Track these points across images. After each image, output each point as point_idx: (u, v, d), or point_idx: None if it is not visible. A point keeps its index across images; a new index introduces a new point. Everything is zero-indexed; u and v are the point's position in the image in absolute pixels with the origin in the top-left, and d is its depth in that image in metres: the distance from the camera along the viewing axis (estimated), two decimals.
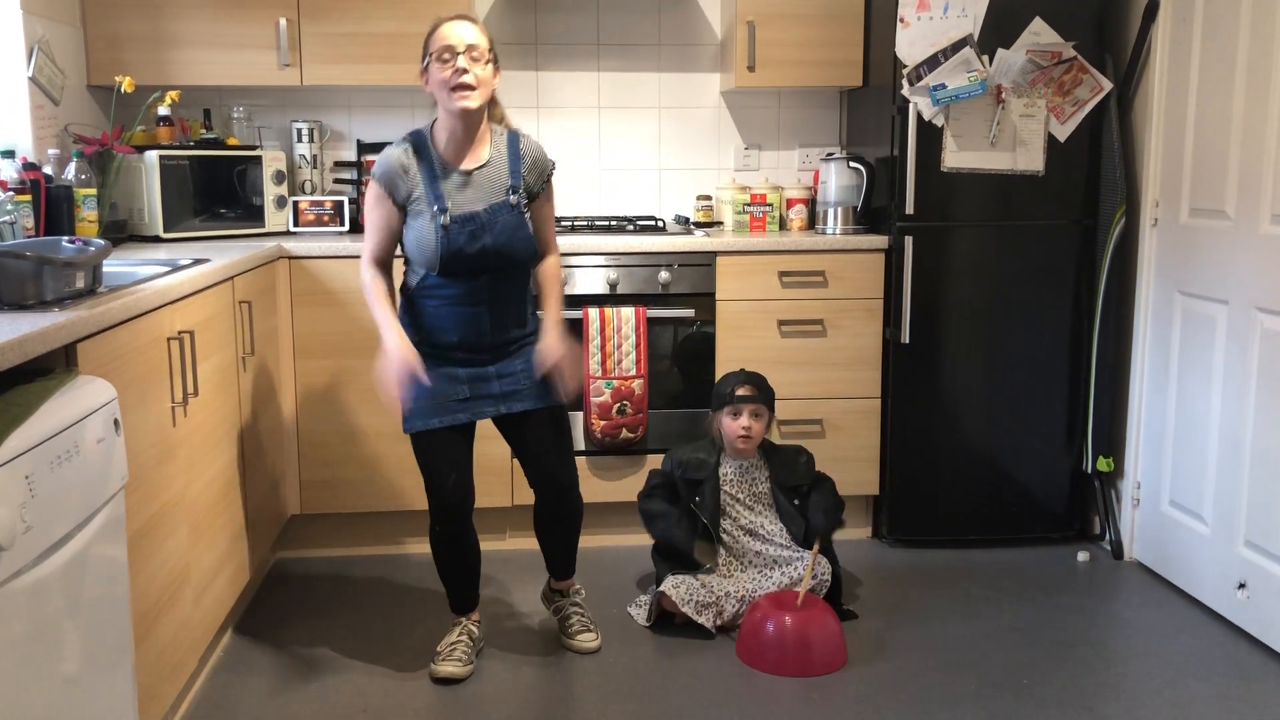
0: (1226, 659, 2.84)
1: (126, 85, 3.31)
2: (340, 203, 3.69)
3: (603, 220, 3.79)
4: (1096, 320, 3.51)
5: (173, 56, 3.53)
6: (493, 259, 2.57)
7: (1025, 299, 3.53)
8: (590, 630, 2.88)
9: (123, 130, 3.41)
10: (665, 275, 3.50)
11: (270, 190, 3.64)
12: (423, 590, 3.27)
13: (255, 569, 3.07)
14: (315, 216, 3.68)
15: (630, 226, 3.71)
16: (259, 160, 3.63)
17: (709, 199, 3.97)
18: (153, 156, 3.38)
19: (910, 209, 3.46)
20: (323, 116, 3.92)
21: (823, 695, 2.65)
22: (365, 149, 3.85)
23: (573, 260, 3.47)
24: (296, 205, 3.67)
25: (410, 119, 3.93)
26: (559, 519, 2.82)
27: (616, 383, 3.45)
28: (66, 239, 2.29)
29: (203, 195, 3.52)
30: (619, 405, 3.46)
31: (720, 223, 3.96)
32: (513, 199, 2.58)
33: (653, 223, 3.78)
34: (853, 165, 3.69)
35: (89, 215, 3.12)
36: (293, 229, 3.68)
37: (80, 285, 2.08)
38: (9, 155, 2.88)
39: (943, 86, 3.39)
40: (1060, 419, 3.58)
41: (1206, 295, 3.12)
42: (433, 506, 2.70)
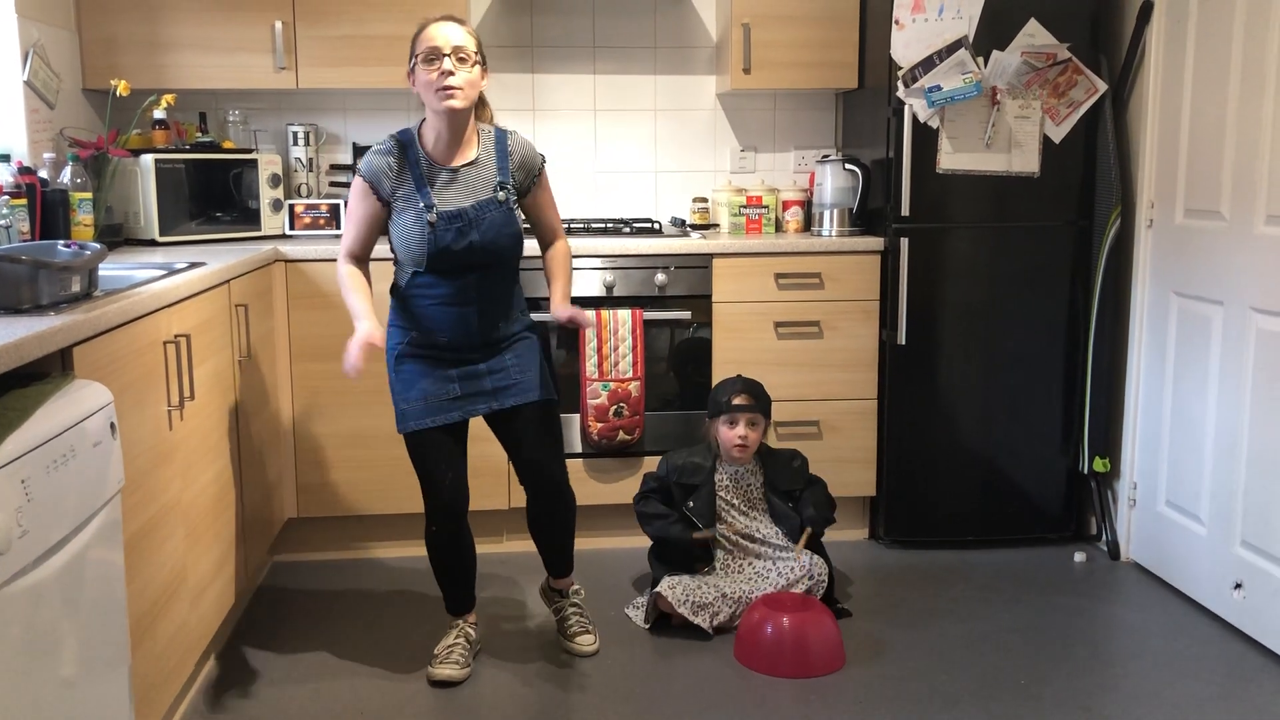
0: (1223, 659, 2.85)
1: (122, 89, 3.30)
2: (336, 206, 3.68)
3: (599, 223, 3.79)
4: (1092, 321, 3.51)
5: (168, 60, 3.53)
6: (479, 256, 2.57)
7: (1021, 300, 3.53)
8: (589, 631, 2.88)
9: (118, 134, 3.40)
10: (662, 277, 3.50)
11: (266, 193, 3.64)
12: (419, 593, 3.27)
13: (252, 572, 3.07)
14: (311, 220, 3.68)
15: (626, 229, 3.71)
16: (255, 163, 3.63)
17: (705, 201, 3.97)
18: (148, 160, 3.38)
19: (906, 210, 3.46)
20: (318, 120, 3.92)
21: (820, 696, 2.65)
22: (361, 152, 3.85)
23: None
24: (292, 208, 3.67)
25: (406, 121, 3.91)
26: (550, 516, 2.81)
27: (613, 385, 3.45)
28: (62, 243, 2.29)
29: (198, 199, 3.52)
30: (616, 407, 3.46)
31: (716, 225, 3.96)
32: (500, 196, 2.59)
33: (649, 225, 3.78)
34: (848, 167, 3.70)
35: (84, 219, 3.11)
36: (288, 232, 3.68)
37: (76, 289, 2.08)
38: (4, 159, 2.87)
39: (938, 88, 3.40)
40: (1056, 420, 3.59)
41: (1202, 296, 3.12)
42: (429, 506, 2.70)
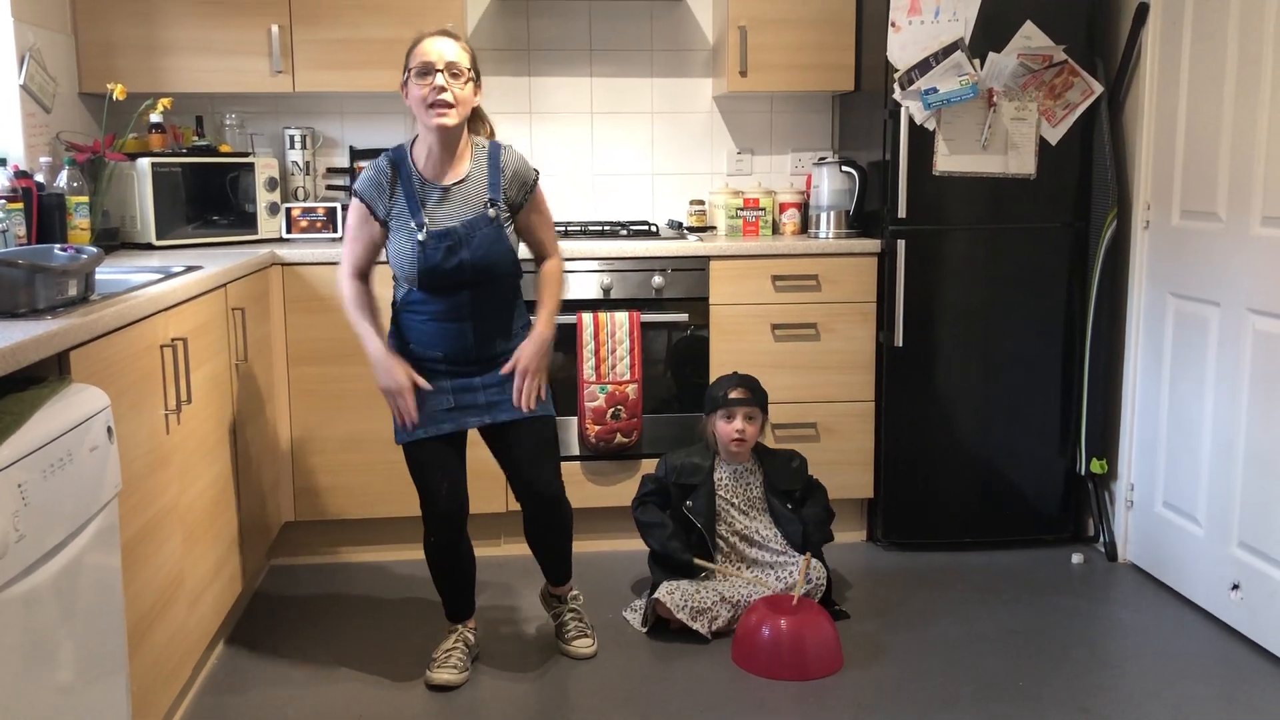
0: (1220, 660, 2.85)
1: (118, 93, 3.30)
2: (333, 209, 3.68)
3: (596, 225, 3.79)
4: (1089, 322, 3.51)
5: (165, 64, 3.53)
6: (470, 273, 2.56)
7: (1018, 302, 3.53)
8: (587, 636, 2.88)
9: (115, 138, 3.40)
10: (659, 280, 3.50)
11: (263, 197, 3.64)
12: (417, 597, 3.26)
13: (249, 576, 3.06)
14: (308, 223, 3.68)
15: (623, 231, 3.71)
16: (251, 167, 3.63)
17: (702, 203, 3.97)
18: (145, 164, 3.38)
19: (902, 213, 3.47)
20: (315, 123, 3.92)
21: (818, 699, 2.65)
22: (358, 155, 3.85)
23: (567, 265, 3.45)
24: (289, 212, 3.67)
25: (403, 125, 3.93)
26: (546, 529, 2.81)
27: (611, 388, 3.45)
28: (59, 247, 2.30)
29: (195, 202, 3.52)
30: (613, 410, 3.46)
31: (713, 227, 3.96)
32: (491, 212, 2.57)
33: (646, 227, 3.78)
34: (845, 169, 3.70)
35: (81, 223, 3.11)
36: (285, 236, 3.67)
37: (73, 293, 2.07)
38: (1, 163, 2.87)
39: (934, 90, 3.40)
40: (1053, 421, 3.59)
41: (1198, 297, 3.13)
42: (427, 515, 2.69)
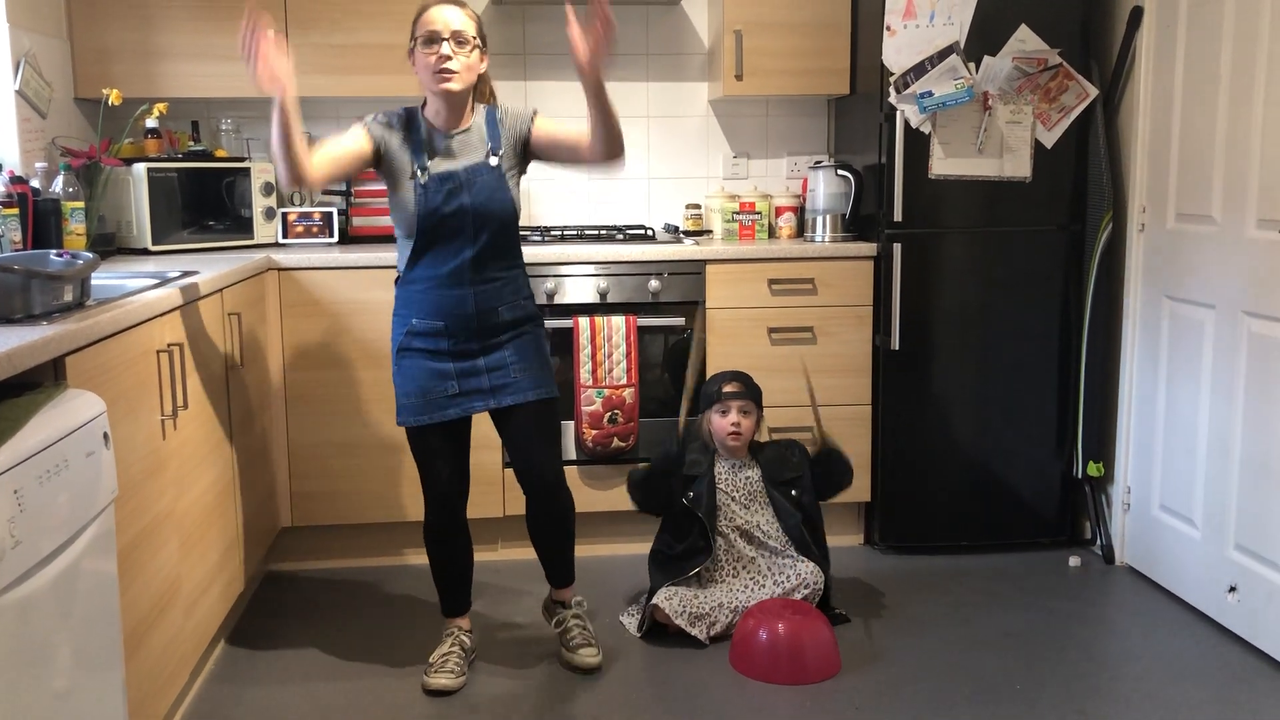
0: (1218, 662, 2.85)
1: (114, 98, 3.30)
2: (329, 214, 3.68)
3: (592, 229, 3.79)
4: (1085, 325, 3.52)
5: (160, 69, 3.53)
6: (470, 220, 2.58)
7: (1014, 305, 3.54)
8: (591, 644, 2.82)
9: (110, 143, 3.40)
10: (655, 284, 3.50)
11: (259, 202, 3.64)
12: (414, 602, 3.26)
13: (246, 582, 3.06)
14: (304, 228, 3.68)
15: (620, 235, 3.72)
16: (247, 172, 3.62)
17: (698, 207, 3.97)
18: (141, 169, 3.38)
19: (898, 216, 3.47)
20: (311, 128, 3.88)
21: (816, 703, 2.65)
22: None
23: (562, 270, 3.47)
24: (285, 217, 3.67)
25: None
26: (549, 518, 2.81)
27: (607, 392, 3.45)
28: (54, 252, 2.29)
29: (191, 208, 3.51)
30: (610, 414, 3.45)
31: (709, 231, 3.96)
32: (492, 160, 2.61)
33: (642, 231, 3.78)
34: (841, 173, 3.70)
35: (77, 228, 3.11)
36: (281, 241, 3.67)
37: (68, 298, 2.07)
38: None
39: (929, 94, 3.41)
40: (1050, 424, 3.59)
41: (1194, 300, 3.13)
42: (427, 497, 2.74)
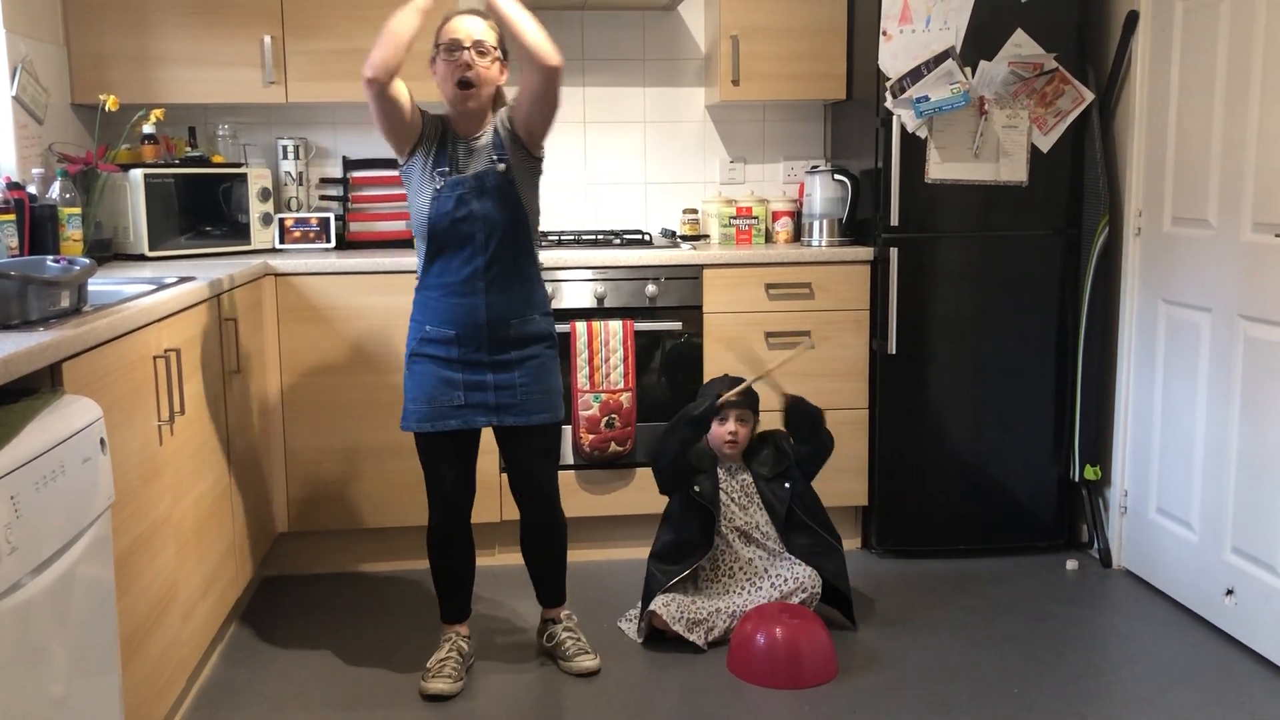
0: (1215, 665, 2.85)
1: (111, 104, 3.30)
2: (326, 219, 3.68)
3: (589, 234, 3.80)
4: (1081, 329, 3.52)
5: (157, 75, 3.53)
6: (480, 226, 2.62)
7: (1010, 309, 3.54)
8: (588, 652, 2.85)
9: (107, 149, 3.40)
10: (652, 289, 3.50)
11: (256, 208, 3.64)
12: (412, 607, 3.26)
13: (243, 587, 3.06)
14: (301, 234, 3.68)
15: (617, 240, 3.72)
16: (244, 178, 3.62)
17: (695, 212, 3.98)
18: (137, 175, 3.38)
19: (895, 220, 3.47)
20: (308, 134, 3.92)
21: (814, 707, 2.64)
22: (351, 165, 3.85)
23: (560, 274, 3.47)
24: (282, 222, 3.67)
25: None
26: (541, 531, 2.82)
27: (604, 396, 3.45)
28: (51, 258, 2.28)
29: (188, 213, 3.51)
30: (607, 419, 3.45)
31: (706, 236, 3.97)
32: (500, 166, 2.64)
33: (639, 236, 3.78)
34: (837, 178, 3.71)
35: (74, 234, 3.11)
36: (278, 246, 3.67)
37: (65, 304, 2.07)
38: None
39: (926, 98, 3.41)
40: (1047, 428, 3.60)
41: (1190, 303, 3.14)
42: (431, 501, 2.76)
